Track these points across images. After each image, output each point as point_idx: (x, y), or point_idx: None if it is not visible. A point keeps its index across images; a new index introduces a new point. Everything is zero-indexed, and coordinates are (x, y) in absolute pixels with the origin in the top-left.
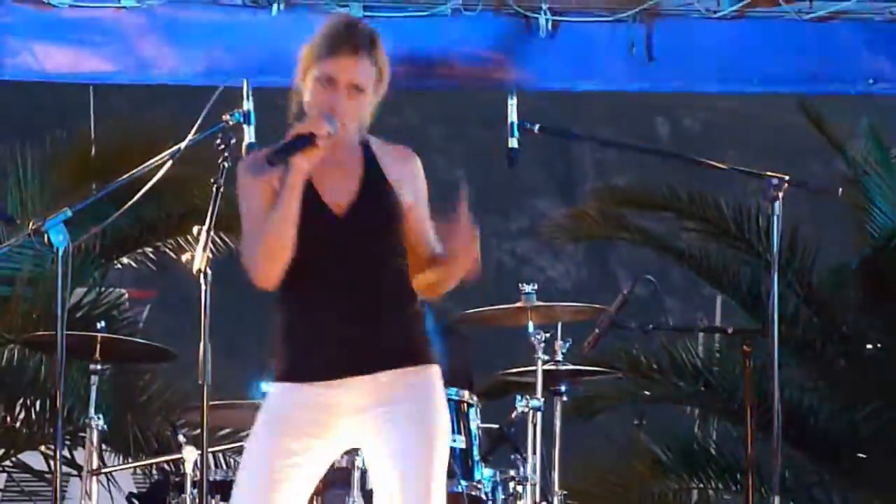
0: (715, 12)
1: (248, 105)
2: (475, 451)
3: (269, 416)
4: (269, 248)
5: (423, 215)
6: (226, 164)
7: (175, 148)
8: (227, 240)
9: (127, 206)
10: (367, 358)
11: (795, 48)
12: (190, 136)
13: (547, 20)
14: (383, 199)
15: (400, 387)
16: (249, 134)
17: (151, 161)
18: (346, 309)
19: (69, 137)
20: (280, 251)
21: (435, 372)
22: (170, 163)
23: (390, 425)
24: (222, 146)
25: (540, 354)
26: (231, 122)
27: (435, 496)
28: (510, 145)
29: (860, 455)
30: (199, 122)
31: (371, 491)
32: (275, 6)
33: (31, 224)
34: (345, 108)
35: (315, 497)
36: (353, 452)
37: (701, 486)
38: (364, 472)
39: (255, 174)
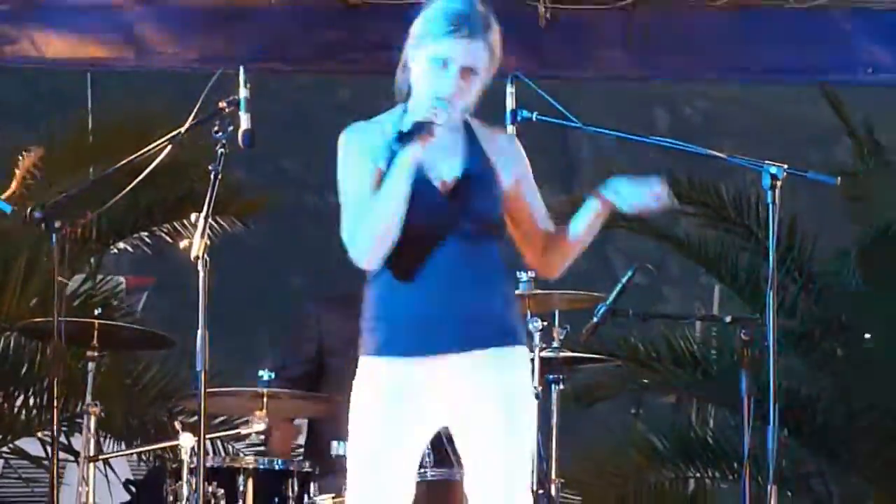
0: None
1: (244, 92)
2: None
3: (374, 392)
4: (379, 228)
5: (528, 193)
6: (222, 151)
7: (174, 133)
8: (224, 224)
9: (125, 190)
10: (460, 335)
11: (793, 37)
12: (188, 123)
13: (546, 9)
14: (485, 180)
15: (490, 365)
16: (246, 120)
17: (150, 147)
18: (444, 286)
19: (66, 124)
20: (389, 231)
21: (523, 352)
22: (168, 148)
23: (480, 404)
24: (219, 132)
25: (537, 342)
26: (227, 109)
27: (524, 468)
28: (508, 128)
29: (858, 445)
30: (196, 108)
31: None
32: None
33: (29, 205)
34: (457, 91)
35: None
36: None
37: (698, 475)
38: None
39: (363, 154)
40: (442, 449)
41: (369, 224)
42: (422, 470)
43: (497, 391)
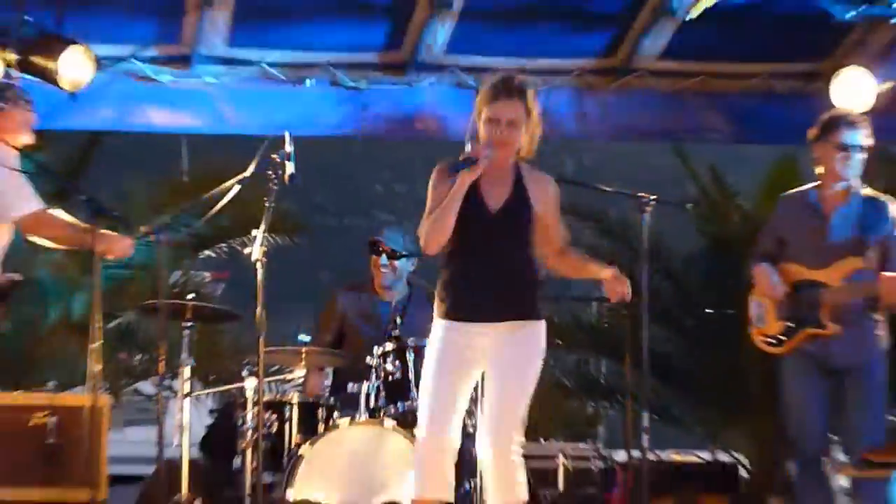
0: (604, 85)
1: (289, 148)
2: None
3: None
4: (436, 227)
5: (552, 222)
6: (274, 188)
7: (241, 176)
8: (275, 238)
9: (208, 215)
10: (497, 309)
11: (659, 111)
12: (250, 169)
13: None
14: (523, 207)
15: (515, 332)
16: (290, 167)
17: (225, 185)
18: (488, 276)
19: (168, 171)
20: (443, 230)
21: (541, 325)
22: (236, 187)
23: (504, 359)
24: (273, 176)
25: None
26: (277, 160)
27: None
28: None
29: (704, 384)
30: (256, 159)
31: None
32: (307, 81)
33: (144, 227)
34: (502, 139)
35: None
36: (362, 381)
37: (594, 405)
38: (368, 396)
39: (443, 178)
40: None
41: (432, 222)
42: None
43: (514, 351)
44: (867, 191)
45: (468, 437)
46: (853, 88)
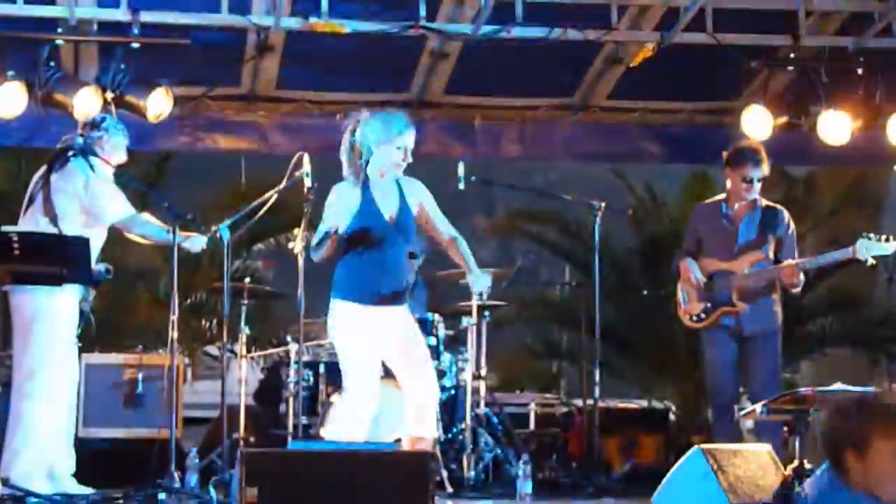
0: (566, 117)
1: (307, 166)
2: (440, 346)
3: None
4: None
5: (431, 212)
6: (311, 197)
7: (281, 186)
8: (310, 235)
9: (258, 216)
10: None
11: (605, 139)
12: (284, 182)
13: (479, 125)
14: (406, 212)
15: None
16: (308, 181)
17: (269, 193)
18: (385, 268)
19: (229, 183)
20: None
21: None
22: (275, 196)
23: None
24: (308, 186)
25: (475, 296)
26: (297, 176)
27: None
28: (459, 186)
29: (642, 349)
30: (288, 172)
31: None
32: (337, 115)
33: (212, 227)
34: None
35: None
36: None
37: (557, 364)
38: None
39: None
40: None
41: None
42: None
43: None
44: (766, 202)
45: (459, 388)
46: (756, 121)
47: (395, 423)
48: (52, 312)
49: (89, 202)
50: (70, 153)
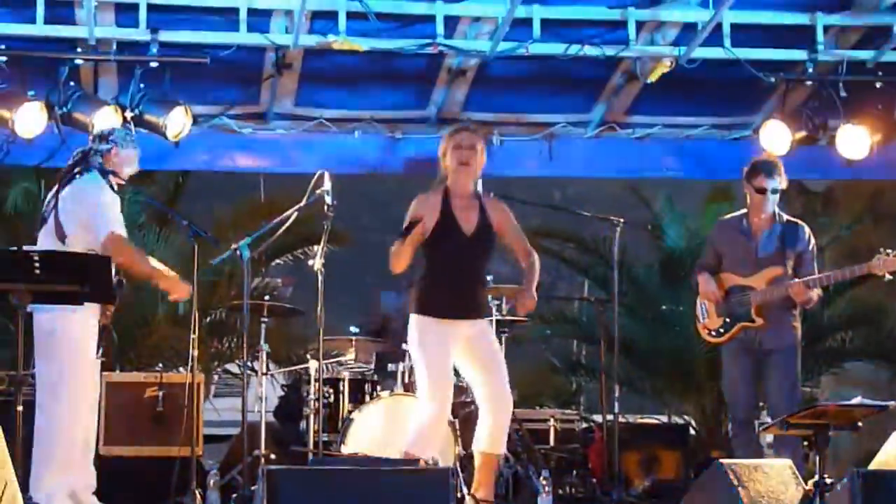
0: (584, 133)
1: (328, 185)
2: None
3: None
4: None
5: (511, 233)
6: (331, 214)
7: (298, 206)
8: (331, 250)
9: (277, 234)
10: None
11: (624, 153)
12: (305, 200)
13: (497, 138)
14: (487, 228)
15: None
16: (329, 198)
17: (289, 211)
18: (461, 283)
19: (249, 201)
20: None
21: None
22: (295, 213)
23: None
24: (328, 205)
25: (494, 312)
26: (318, 193)
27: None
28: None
29: (658, 363)
30: (309, 190)
31: None
32: (356, 132)
33: (232, 245)
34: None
35: (379, 384)
36: (398, 361)
37: (576, 379)
38: (403, 373)
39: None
40: None
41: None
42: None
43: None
44: (786, 217)
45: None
46: (775, 136)
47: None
48: (72, 329)
49: (87, 218)
50: (77, 170)
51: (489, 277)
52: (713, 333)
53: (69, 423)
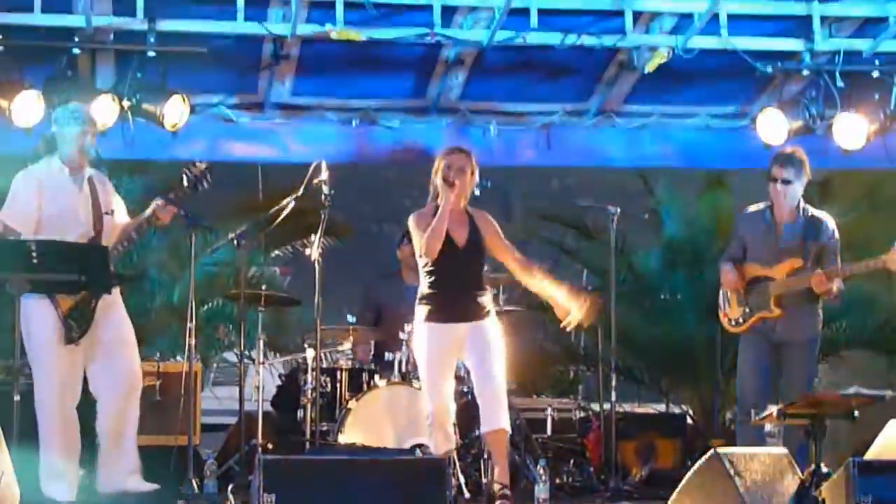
0: (582, 123)
1: (325, 174)
2: None
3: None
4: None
5: (497, 240)
6: (328, 204)
7: (297, 194)
8: (328, 241)
9: (275, 223)
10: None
11: (625, 142)
12: (301, 190)
13: (494, 127)
14: (477, 239)
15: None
16: (326, 188)
17: (286, 200)
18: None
19: (248, 191)
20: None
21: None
22: (292, 203)
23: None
24: (326, 193)
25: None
26: (316, 183)
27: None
28: (476, 192)
29: (657, 353)
30: (306, 180)
31: None
32: (353, 121)
33: (229, 234)
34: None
35: (377, 373)
36: (395, 351)
37: (574, 369)
38: (400, 362)
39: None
40: None
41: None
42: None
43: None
44: (811, 211)
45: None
46: (772, 125)
47: (415, 429)
48: (27, 316)
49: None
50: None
51: (486, 268)
52: (733, 323)
53: (40, 406)
